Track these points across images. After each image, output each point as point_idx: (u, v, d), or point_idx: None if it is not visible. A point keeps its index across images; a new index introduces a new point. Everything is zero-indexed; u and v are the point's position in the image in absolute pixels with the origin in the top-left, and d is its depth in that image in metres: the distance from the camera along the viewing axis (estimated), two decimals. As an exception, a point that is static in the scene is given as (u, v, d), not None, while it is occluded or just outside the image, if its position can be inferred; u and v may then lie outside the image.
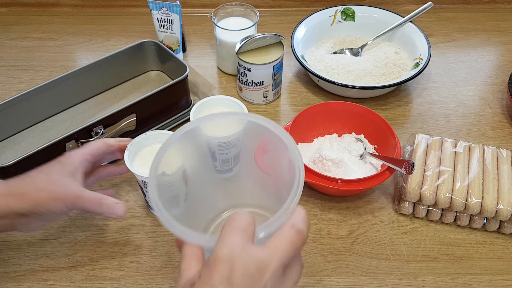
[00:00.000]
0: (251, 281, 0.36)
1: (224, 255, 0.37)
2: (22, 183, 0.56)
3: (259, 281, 0.36)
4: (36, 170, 0.58)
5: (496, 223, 0.70)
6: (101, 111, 0.85)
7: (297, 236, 0.39)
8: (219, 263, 0.36)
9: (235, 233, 0.38)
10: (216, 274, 0.36)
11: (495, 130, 0.87)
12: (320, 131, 0.82)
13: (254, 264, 0.36)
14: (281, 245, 0.38)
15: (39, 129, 0.83)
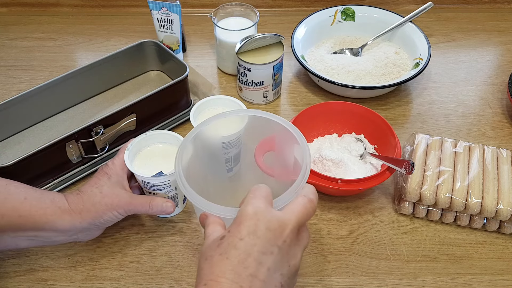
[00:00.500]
0: (274, 236, 0.42)
1: (250, 213, 0.43)
2: (79, 200, 0.61)
3: (280, 236, 0.42)
4: (88, 185, 0.63)
5: (496, 223, 0.70)
6: (101, 111, 0.85)
7: (309, 204, 0.45)
8: (245, 220, 0.43)
9: (258, 198, 0.44)
10: (244, 228, 0.42)
11: (495, 130, 0.87)
12: (320, 131, 0.82)
13: (276, 222, 0.43)
14: (297, 209, 0.44)
15: (39, 129, 0.83)
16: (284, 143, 0.58)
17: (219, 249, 0.42)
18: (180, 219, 0.72)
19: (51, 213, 0.59)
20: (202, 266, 0.42)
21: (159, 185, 0.65)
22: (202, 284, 0.41)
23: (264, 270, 0.41)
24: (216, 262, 0.41)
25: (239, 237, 0.42)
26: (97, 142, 0.75)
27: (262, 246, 0.41)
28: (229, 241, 0.42)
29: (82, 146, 0.74)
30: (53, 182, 0.75)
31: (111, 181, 0.63)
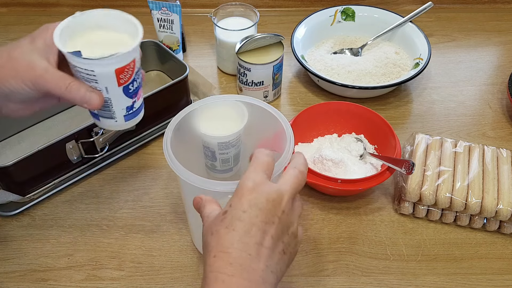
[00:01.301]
0: (273, 206, 0.44)
1: (250, 187, 0.44)
2: None
3: (279, 206, 0.44)
4: (5, 46, 0.52)
5: (496, 223, 0.70)
6: (101, 111, 0.85)
7: (300, 175, 0.47)
8: (246, 193, 0.44)
9: (257, 171, 0.46)
10: (245, 201, 0.44)
11: (495, 130, 0.87)
12: (320, 131, 0.82)
13: (275, 193, 0.45)
14: (291, 181, 0.46)
15: (39, 129, 0.83)
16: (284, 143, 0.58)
17: (223, 223, 0.43)
18: (180, 219, 0.72)
19: None
20: (208, 241, 0.44)
21: (81, 72, 0.50)
22: (211, 256, 0.42)
23: (268, 238, 0.43)
24: (223, 235, 0.43)
25: (242, 209, 0.43)
26: (97, 142, 0.75)
27: (264, 217, 0.43)
28: (233, 214, 0.43)
29: (82, 146, 0.74)
30: (53, 182, 0.75)
31: (33, 46, 0.51)
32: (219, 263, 0.42)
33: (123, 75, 0.51)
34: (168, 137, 0.58)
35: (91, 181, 0.78)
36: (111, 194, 0.76)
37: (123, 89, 0.53)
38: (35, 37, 0.51)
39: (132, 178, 0.78)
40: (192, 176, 0.54)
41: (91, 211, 0.73)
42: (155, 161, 0.81)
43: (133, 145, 0.81)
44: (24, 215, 0.73)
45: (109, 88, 0.52)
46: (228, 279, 0.41)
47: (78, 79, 0.51)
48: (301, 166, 0.48)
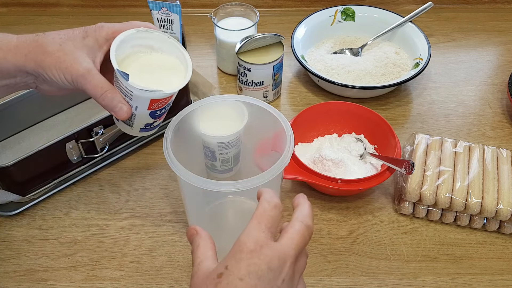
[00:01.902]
0: (274, 276, 0.40)
1: (251, 248, 0.40)
2: (33, 42, 0.52)
3: (280, 274, 0.40)
4: (57, 32, 0.53)
5: (496, 223, 0.70)
6: (101, 111, 0.85)
7: (307, 231, 0.43)
8: (246, 256, 0.39)
9: (260, 228, 0.41)
10: (243, 267, 0.39)
11: (495, 130, 0.87)
12: (320, 131, 0.82)
13: (277, 259, 0.40)
14: (296, 239, 0.42)
15: (39, 129, 0.83)
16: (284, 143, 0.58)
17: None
18: (180, 219, 0.72)
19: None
20: None
21: (121, 85, 0.53)
22: None
23: None
24: None
25: (238, 276, 0.39)
26: (97, 142, 0.75)
27: (264, 286, 0.39)
28: (229, 281, 0.39)
29: (82, 146, 0.74)
30: (53, 182, 0.75)
31: (84, 42, 0.52)
32: None
33: (156, 104, 0.55)
34: (168, 137, 0.58)
35: (91, 181, 0.78)
36: (111, 194, 0.76)
37: (150, 112, 0.55)
38: (88, 33, 0.52)
39: (132, 178, 0.78)
40: (192, 176, 0.54)
41: (91, 211, 0.73)
42: (155, 161, 0.81)
43: (133, 145, 0.81)
44: (24, 215, 0.73)
45: (139, 108, 0.54)
46: None
47: (114, 87, 0.54)
48: (307, 218, 0.44)
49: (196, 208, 0.64)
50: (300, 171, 0.71)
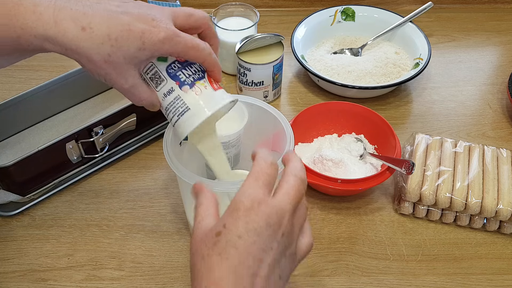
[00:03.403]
0: (273, 231, 0.40)
1: (248, 205, 0.40)
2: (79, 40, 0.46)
3: (279, 229, 0.40)
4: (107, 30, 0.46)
5: (496, 223, 0.70)
6: (101, 111, 0.85)
7: (302, 185, 0.43)
8: (243, 213, 0.40)
9: (257, 185, 0.41)
10: (241, 224, 0.39)
11: (495, 130, 0.87)
12: (320, 131, 0.82)
13: (275, 215, 0.40)
14: (292, 194, 0.42)
15: (39, 129, 0.83)
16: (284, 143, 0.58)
17: (216, 248, 0.39)
18: (180, 219, 0.72)
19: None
20: (198, 266, 0.40)
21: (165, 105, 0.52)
22: (202, 286, 0.39)
23: (264, 266, 0.40)
24: (215, 263, 0.39)
25: (237, 234, 0.39)
26: (97, 142, 0.75)
27: (262, 243, 0.40)
28: (227, 239, 0.39)
29: (82, 146, 0.74)
30: (53, 182, 0.75)
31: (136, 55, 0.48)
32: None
33: None
34: (168, 137, 0.58)
35: (91, 181, 0.78)
36: (111, 194, 0.76)
37: None
38: (146, 45, 0.47)
39: (132, 178, 0.78)
40: (192, 176, 0.54)
41: (91, 211, 0.73)
42: (155, 161, 0.81)
43: (133, 145, 0.81)
44: (24, 215, 0.73)
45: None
46: None
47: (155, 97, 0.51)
48: (300, 172, 0.44)
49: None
50: (300, 171, 0.71)
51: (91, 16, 0.46)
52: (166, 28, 0.47)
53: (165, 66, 0.50)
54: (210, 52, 0.49)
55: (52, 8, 0.46)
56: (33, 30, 0.46)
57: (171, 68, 0.50)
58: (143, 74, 0.51)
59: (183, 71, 0.51)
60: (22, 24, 0.46)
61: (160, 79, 0.50)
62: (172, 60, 0.51)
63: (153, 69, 0.50)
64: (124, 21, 0.46)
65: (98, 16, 0.46)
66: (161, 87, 0.50)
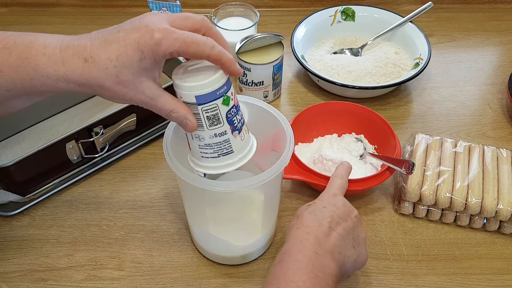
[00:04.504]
0: (348, 210, 0.58)
1: (332, 194, 0.59)
2: (84, 73, 0.47)
3: (352, 212, 0.58)
4: (106, 54, 0.46)
5: (496, 223, 0.70)
6: (101, 111, 0.85)
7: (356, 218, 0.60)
8: (328, 197, 0.59)
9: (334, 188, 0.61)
10: (326, 201, 0.58)
11: (495, 130, 0.87)
12: (320, 131, 0.82)
13: (349, 204, 0.59)
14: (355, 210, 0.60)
15: (39, 129, 0.83)
16: (284, 143, 0.58)
17: (308, 210, 0.57)
18: (180, 219, 0.72)
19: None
20: (295, 221, 0.56)
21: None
22: (295, 228, 0.55)
23: (340, 228, 0.55)
24: (306, 216, 0.56)
25: (323, 205, 0.57)
26: (97, 142, 0.75)
27: (340, 213, 0.56)
28: (316, 206, 0.57)
29: (82, 146, 0.74)
30: (53, 182, 0.75)
31: (140, 66, 0.47)
32: (299, 231, 0.54)
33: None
34: (168, 137, 0.58)
35: (91, 181, 0.78)
36: (111, 194, 0.76)
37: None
38: (144, 54, 0.46)
39: (132, 178, 0.78)
40: (192, 176, 0.54)
41: (91, 211, 0.73)
42: (155, 161, 0.81)
43: (133, 145, 0.81)
44: (24, 215, 0.73)
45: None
46: (305, 241, 0.53)
47: (179, 102, 0.51)
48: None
49: (196, 208, 0.64)
50: (300, 171, 0.71)
51: (90, 47, 0.47)
52: (159, 28, 0.46)
53: (226, 110, 0.51)
54: (213, 45, 0.48)
55: (59, 48, 0.47)
56: (45, 71, 0.47)
57: (230, 113, 0.51)
58: (201, 110, 0.50)
59: (237, 116, 0.52)
60: (34, 66, 0.47)
61: (218, 121, 0.51)
62: (232, 105, 0.51)
63: (215, 111, 0.50)
64: (119, 39, 0.46)
65: (97, 44, 0.47)
66: (214, 128, 0.51)
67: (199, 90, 0.49)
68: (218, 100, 0.50)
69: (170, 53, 0.47)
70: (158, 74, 0.50)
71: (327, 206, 0.57)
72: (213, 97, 0.49)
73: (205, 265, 0.67)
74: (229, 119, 0.51)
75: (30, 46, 0.47)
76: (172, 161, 0.55)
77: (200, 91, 0.49)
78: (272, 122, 0.61)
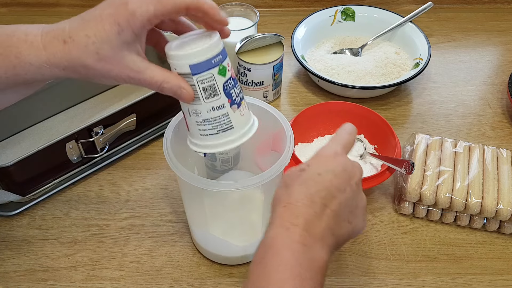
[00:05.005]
0: (348, 176, 0.47)
1: (330, 154, 0.48)
2: (66, 55, 0.46)
3: (353, 177, 0.48)
4: (83, 32, 0.46)
5: (496, 223, 0.70)
6: (101, 111, 0.85)
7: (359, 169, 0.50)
8: (325, 159, 0.48)
9: (338, 145, 0.50)
10: (322, 166, 0.47)
11: (495, 130, 0.87)
12: (320, 131, 0.82)
13: (350, 165, 0.48)
14: (359, 168, 0.50)
15: (39, 129, 0.83)
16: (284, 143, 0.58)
17: (299, 179, 0.47)
18: (180, 219, 0.72)
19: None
20: (281, 192, 0.47)
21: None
22: (282, 205, 0.46)
23: (336, 203, 0.46)
24: (296, 190, 0.46)
25: (317, 171, 0.47)
26: (97, 142, 0.75)
27: (337, 183, 0.46)
28: (309, 174, 0.47)
29: (82, 146, 0.74)
30: (53, 182, 0.75)
31: (119, 39, 0.46)
32: (287, 213, 0.45)
33: None
34: (168, 137, 0.58)
35: (91, 181, 0.78)
36: (111, 194, 0.76)
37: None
38: (122, 26, 0.45)
39: (132, 178, 0.78)
40: (192, 176, 0.54)
41: (91, 211, 0.73)
42: (155, 161, 0.81)
43: (133, 145, 0.81)
44: (24, 215, 0.73)
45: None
46: (292, 228, 0.44)
47: (169, 72, 0.49)
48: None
49: (196, 208, 0.64)
50: (300, 171, 0.71)
51: (68, 29, 0.47)
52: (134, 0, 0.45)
53: (223, 82, 0.49)
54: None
55: (40, 35, 0.47)
56: (27, 58, 0.47)
57: (227, 85, 0.50)
58: (197, 81, 0.48)
59: (235, 89, 0.51)
60: (16, 53, 0.47)
61: (215, 93, 0.49)
62: (229, 76, 0.50)
63: (211, 81, 0.49)
64: (95, 16, 0.46)
65: (75, 25, 0.47)
66: (211, 100, 0.49)
67: (193, 59, 0.47)
68: (214, 70, 0.48)
69: (148, 19, 0.46)
70: (141, 47, 0.49)
71: (323, 173, 0.46)
72: (208, 66, 0.48)
73: (205, 265, 0.67)
74: (226, 91, 0.49)
75: (11, 35, 0.47)
76: (172, 161, 0.55)
77: (194, 60, 0.47)
78: (272, 122, 0.61)
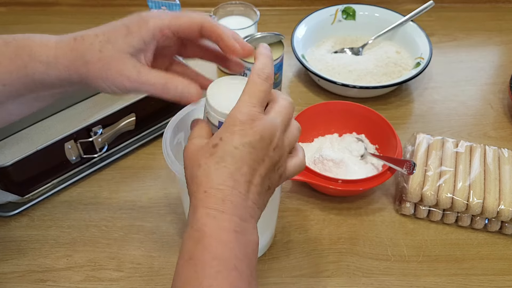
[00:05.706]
0: (266, 144, 0.43)
1: (243, 120, 0.42)
2: (71, 51, 0.47)
3: (271, 143, 0.43)
4: (94, 32, 0.47)
5: (498, 223, 0.70)
6: (100, 111, 0.85)
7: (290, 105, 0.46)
8: (239, 128, 0.42)
9: (251, 102, 0.43)
10: (237, 137, 0.42)
11: (496, 130, 0.86)
12: (321, 131, 0.81)
13: (268, 129, 0.43)
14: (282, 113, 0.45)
15: (38, 129, 0.82)
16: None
17: (214, 158, 0.42)
18: (180, 220, 0.72)
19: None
20: (196, 174, 0.43)
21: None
22: (202, 191, 0.42)
23: (257, 176, 0.43)
24: (214, 170, 0.42)
25: (233, 145, 0.42)
26: (96, 142, 0.75)
27: (256, 155, 0.42)
28: (225, 149, 0.42)
29: (81, 146, 0.74)
30: (51, 182, 0.75)
31: (125, 41, 0.47)
32: (210, 199, 0.41)
33: None
34: (167, 137, 0.57)
35: (90, 182, 0.77)
36: (110, 195, 0.75)
37: None
38: (131, 30, 0.47)
39: (131, 179, 0.78)
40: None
41: (90, 212, 0.73)
42: (154, 161, 0.80)
43: (132, 145, 0.81)
44: (22, 216, 0.72)
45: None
46: (220, 215, 0.41)
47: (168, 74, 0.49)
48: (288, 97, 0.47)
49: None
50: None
51: (85, 31, 0.49)
52: (151, 12, 0.49)
53: None
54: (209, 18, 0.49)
55: (55, 38, 0.49)
56: (38, 57, 0.48)
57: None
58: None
59: None
60: (29, 52, 0.48)
61: None
62: None
63: None
64: (114, 23, 0.49)
65: (93, 28, 0.49)
66: None
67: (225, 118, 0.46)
68: None
69: (160, 29, 0.47)
70: (147, 59, 0.49)
71: (240, 147, 0.42)
72: None
73: (205, 266, 0.67)
74: None
75: (27, 37, 0.50)
76: (171, 161, 0.55)
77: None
78: None
